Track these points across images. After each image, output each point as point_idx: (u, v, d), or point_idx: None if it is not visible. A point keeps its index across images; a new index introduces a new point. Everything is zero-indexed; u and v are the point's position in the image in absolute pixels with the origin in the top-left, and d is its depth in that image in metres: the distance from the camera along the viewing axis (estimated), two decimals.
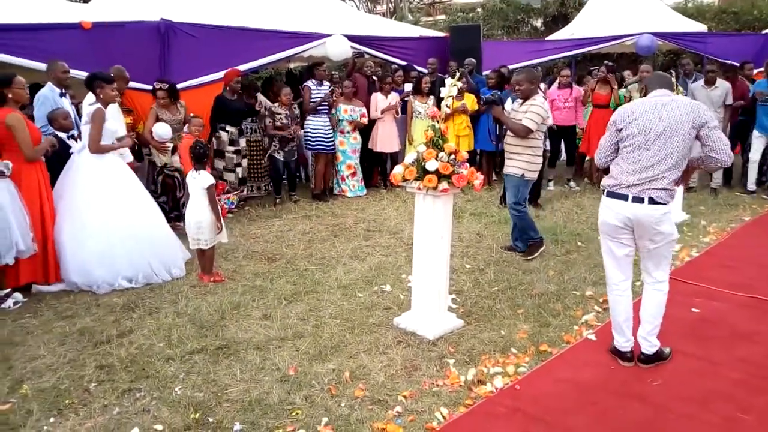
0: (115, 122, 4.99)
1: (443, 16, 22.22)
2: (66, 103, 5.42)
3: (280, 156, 7.18)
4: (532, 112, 5.01)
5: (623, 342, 3.53)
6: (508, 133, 5.24)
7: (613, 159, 3.44)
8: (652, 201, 3.24)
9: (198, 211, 4.69)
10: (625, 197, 3.30)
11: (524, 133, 5.04)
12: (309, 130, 7.51)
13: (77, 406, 3.04)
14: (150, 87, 6.36)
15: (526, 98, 5.11)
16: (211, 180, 4.70)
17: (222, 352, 3.60)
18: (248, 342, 3.72)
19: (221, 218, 4.78)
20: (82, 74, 5.95)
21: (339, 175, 7.82)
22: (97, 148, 4.71)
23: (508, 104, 5.48)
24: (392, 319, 4.02)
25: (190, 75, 6.78)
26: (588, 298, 4.42)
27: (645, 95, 3.50)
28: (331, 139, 7.62)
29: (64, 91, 5.47)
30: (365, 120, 7.78)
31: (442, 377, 3.31)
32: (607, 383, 3.30)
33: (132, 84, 6.32)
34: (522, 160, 5.16)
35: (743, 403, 3.09)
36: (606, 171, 3.51)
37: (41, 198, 4.53)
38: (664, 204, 3.27)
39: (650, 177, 3.24)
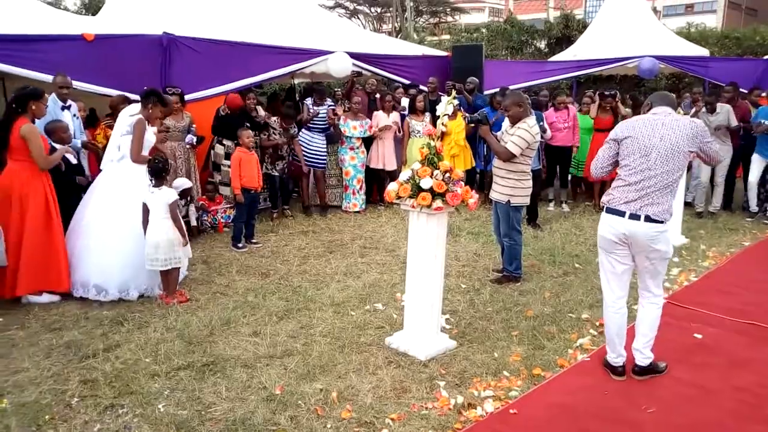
0: (152, 136, 5.06)
1: (448, 36, 22.40)
2: (68, 117, 5.43)
3: (272, 171, 7.16)
4: (518, 136, 4.83)
5: (614, 357, 3.58)
6: None
7: (608, 171, 3.55)
8: (648, 219, 3.27)
9: (158, 229, 4.51)
10: (622, 213, 3.34)
11: (506, 156, 4.88)
12: (303, 144, 7.51)
13: (57, 422, 2.98)
14: None
15: (516, 121, 4.97)
16: (175, 196, 4.60)
17: (209, 368, 3.54)
18: (236, 359, 3.66)
19: (185, 234, 4.66)
20: (84, 86, 6.01)
21: (351, 189, 7.81)
22: (138, 157, 4.77)
23: (506, 124, 5.43)
24: (384, 339, 3.95)
25: (191, 88, 6.79)
26: (584, 321, 4.36)
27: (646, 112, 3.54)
28: (322, 156, 7.65)
29: (69, 104, 5.47)
30: (375, 130, 7.79)
31: (431, 400, 3.24)
32: (601, 409, 3.22)
33: (133, 97, 6.33)
34: (506, 186, 4.98)
35: None
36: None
37: (48, 208, 4.52)
38: (661, 222, 3.28)
39: (648, 194, 3.29)
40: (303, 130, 7.60)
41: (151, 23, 6.83)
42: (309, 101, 7.72)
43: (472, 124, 5.40)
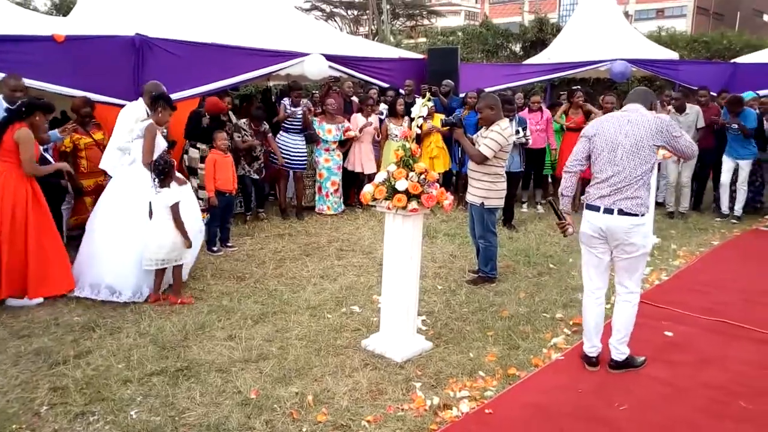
0: (162, 140, 5.09)
1: (424, 39, 22.48)
2: None
3: (247, 173, 7.11)
4: (490, 138, 4.87)
5: (589, 347, 3.71)
6: None
7: (583, 167, 3.66)
8: (621, 212, 3.40)
9: (161, 230, 4.54)
10: (597, 209, 3.49)
11: (479, 159, 4.92)
12: (282, 146, 7.47)
13: (25, 431, 2.91)
14: (122, 102, 6.28)
15: (488, 124, 5.01)
16: (177, 198, 4.59)
17: (182, 374, 3.49)
18: (211, 364, 3.62)
19: (187, 236, 4.66)
20: (55, 88, 5.89)
21: (324, 192, 7.78)
22: (148, 161, 4.78)
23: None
24: (360, 341, 3.95)
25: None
26: (558, 321, 4.41)
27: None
28: (303, 157, 7.59)
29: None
30: (352, 133, 7.77)
31: (407, 401, 3.25)
32: (575, 408, 3.26)
33: (104, 99, 6.23)
34: (480, 188, 5.02)
35: (705, 430, 3.08)
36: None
37: (27, 212, 4.47)
38: (636, 215, 3.39)
39: (619, 189, 3.42)
40: (281, 132, 7.55)
41: (123, 24, 6.71)
42: (287, 101, 7.66)
43: (447, 127, 5.44)
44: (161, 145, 4.97)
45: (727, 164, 7.67)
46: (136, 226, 4.67)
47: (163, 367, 3.55)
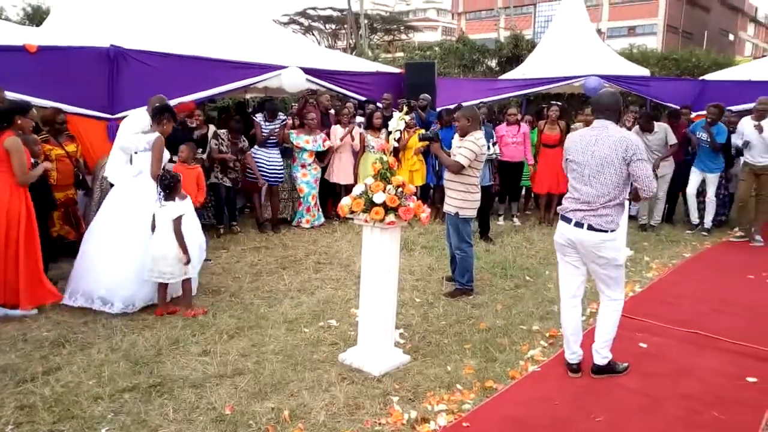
0: (166, 152, 5.12)
1: (401, 54, 22.69)
2: None
3: (222, 181, 7.04)
4: (465, 147, 4.98)
5: (569, 354, 3.79)
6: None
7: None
8: (591, 228, 3.47)
9: (165, 243, 4.54)
10: (569, 221, 3.58)
11: (456, 168, 5.01)
12: (259, 162, 7.42)
13: None
14: (96, 114, 6.21)
15: (464, 134, 5.10)
16: (180, 212, 4.59)
17: (155, 390, 3.42)
18: (184, 379, 3.55)
19: (187, 251, 4.62)
20: (26, 99, 5.77)
21: (304, 206, 7.73)
22: (157, 173, 4.81)
23: (456, 140, 5.52)
24: (338, 355, 3.91)
25: (140, 102, 6.54)
26: (535, 333, 4.43)
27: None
28: (280, 171, 7.57)
29: None
30: (328, 143, 7.75)
31: (385, 415, 3.22)
32: (552, 420, 3.27)
33: (77, 110, 6.14)
34: (456, 198, 5.10)
35: None
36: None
37: (19, 223, 4.42)
38: (604, 231, 3.45)
39: (589, 206, 3.49)
40: (256, 147, 7.51)
41: (98, 35, 6.63)
42: (260, 117, 7.64)
43: (425, 142, 5.50)
44: (165, 157, 5.02)
45: (695, 175, 7.83)
46: (136, 237, 4.68)
47: (136, 384, 3.47)
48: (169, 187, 4.62)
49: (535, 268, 6.09)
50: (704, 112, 7.92)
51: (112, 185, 5.34)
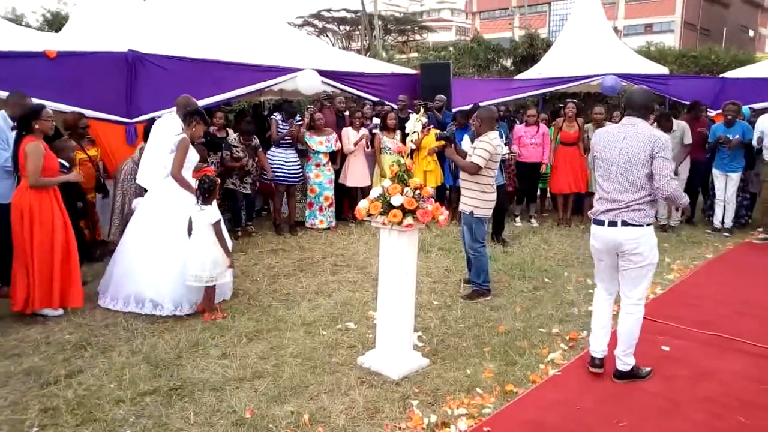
0: (195, 154, 5.12)
1: (416, 54, 22.64)
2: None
3: (240, 188, 7.08)
4: (480, 148, 4.99)
5: (595, 347, 3.78)
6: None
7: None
8: (625, 223, 3.45)
9: (202, 247, 4.57)
10: (602, 222, 3.56)
11: (472, 170, 5.00)
12: (272, 161, 7.45)
13: None
14: (115, 118, 6.27)
15: (479, 135, 5.11)
16: (217, 216, 4.63)
17: (176, 393, 3.44)
18: (204, 382, 3.57)
19: (230, 254, 4.65)
20: (47, 104, 5.83)
21: (316, 206, 7.75)
22: (177, 173, 4.84)
23: (467, 141, 5.51)
24: (356, 358, 3.91)
25: (157, 106, 6.66)
26: (554, 336, 4.39)
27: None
28: (298, 171, 7.58)
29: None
30: (339, 144, 7.76)
31: (405, 419, 3.21)
32: (574, 425, 3.23)
33: (97, 114, 6.21)
34: (471, 197, 5.10)
35: None
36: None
37: (54, 224, 4.50)
38: (640, 226, 3.43)
39: (619, 203, 3.46)
40: (273, 147, 7.54)
41: (116, 40, 6.71)
42: (278, 116, 7.66)
43: (441, 141, 5.49)
44: (193, 159, 5.02)
45: (719, 180, 7.72)
46: (174, 239, 4.71)
47: (156, 387, 3.50)
48: (208, 191, 4.63)
49: (554, 270, 6.04)
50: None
51: (141, 190, 5.39)
